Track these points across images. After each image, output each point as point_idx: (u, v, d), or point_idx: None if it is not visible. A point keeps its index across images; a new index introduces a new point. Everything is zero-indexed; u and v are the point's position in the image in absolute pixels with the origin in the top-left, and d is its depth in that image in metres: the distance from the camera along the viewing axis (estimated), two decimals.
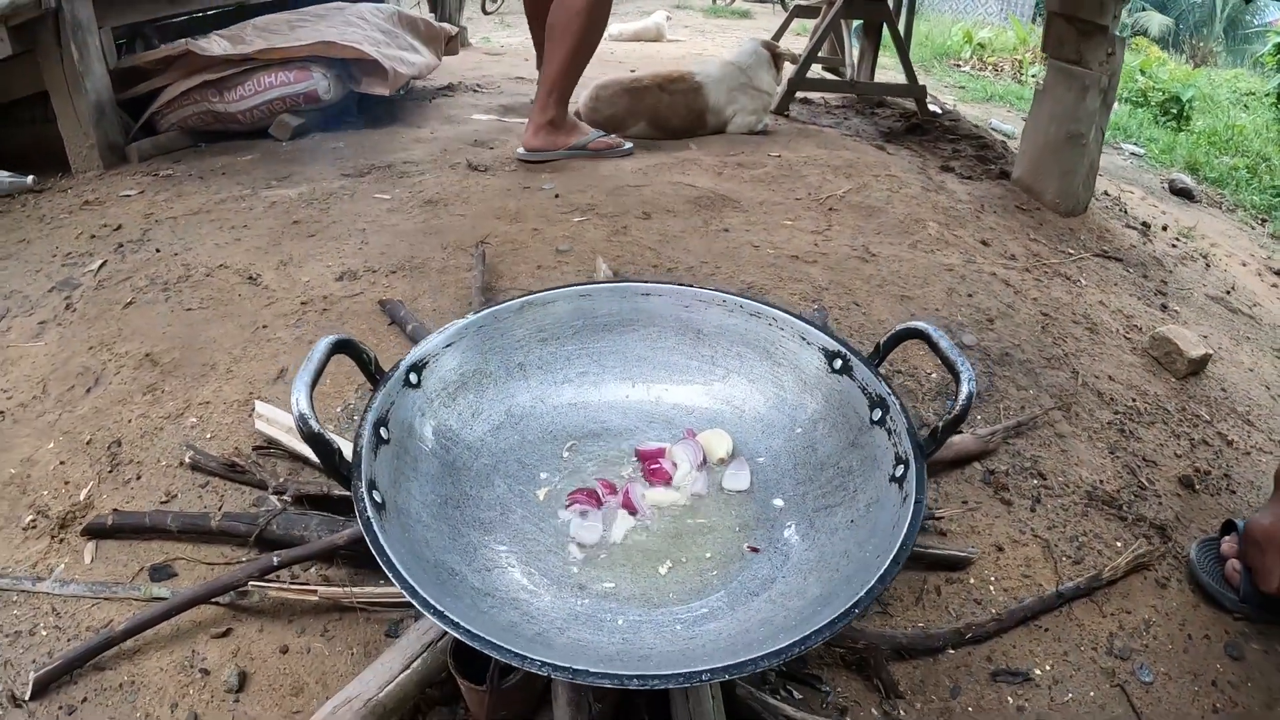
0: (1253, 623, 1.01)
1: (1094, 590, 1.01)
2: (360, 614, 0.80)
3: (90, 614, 0.92)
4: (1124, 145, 4.39)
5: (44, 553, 1.01)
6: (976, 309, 1.47)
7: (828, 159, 2.06)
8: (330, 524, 0.85)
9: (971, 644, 0.87)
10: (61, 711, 0.83)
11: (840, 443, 0.69)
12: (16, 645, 0.90)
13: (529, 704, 0.65)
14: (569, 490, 0.76)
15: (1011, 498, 1.09)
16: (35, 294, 1.59)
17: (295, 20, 2.74)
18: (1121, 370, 1.50)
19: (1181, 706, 0.92)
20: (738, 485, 0.77)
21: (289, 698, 0.77)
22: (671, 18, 6.35)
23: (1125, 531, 1.13)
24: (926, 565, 0.94)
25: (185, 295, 1.48)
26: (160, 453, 1.11)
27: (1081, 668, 0.92)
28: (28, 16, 2.12)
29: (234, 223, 1.79)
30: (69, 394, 1.28)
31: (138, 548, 0.98)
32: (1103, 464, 1.23)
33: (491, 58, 4.17)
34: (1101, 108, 2.22)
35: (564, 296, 0.78)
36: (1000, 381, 1.30)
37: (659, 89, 2.23)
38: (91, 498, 1.08)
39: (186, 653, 0.84)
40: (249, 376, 1.20)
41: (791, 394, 0.75)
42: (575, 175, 1.87)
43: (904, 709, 0.79)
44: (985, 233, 1.91)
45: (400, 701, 0.65)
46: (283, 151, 2.27)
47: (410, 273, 1.40)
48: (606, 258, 1.37)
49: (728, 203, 1.71)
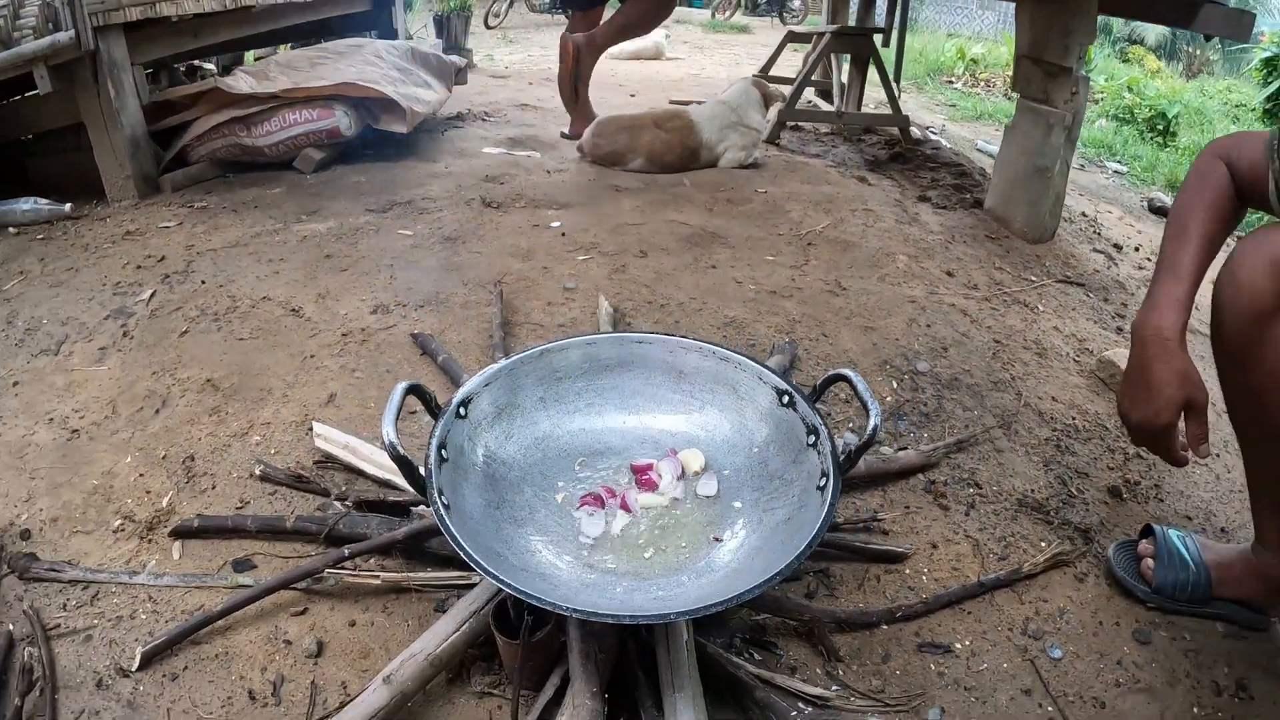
0: (1164, 613, 1.16)
1: (1014, 582, 1.20)
2: (414, 594, 1.02)
3: (183, 600, 1.12)
4: (1107, 163, 4.51)
5: (135, 551, 1.21)
6: (933, 338, 1.70)
7: (810, 194, 2.30)
8: (387, 524, 1.08)
9: (902, 621, 1.09)
10: (165, 679, 1.03)
11: (785, 460, 0.92)
12: (119, 628, 1.08)
13: (550, 656, 0.87)
14: (580, 495, 1.00)
15: (949, 504, 1.31)
16: (92, 321, 1.81)
17: (316, 57, 2.98)
18: (1065, 391, 1.71)
19: (1086, 679, 1.08)
20: (707, 492, 1.01)
21: (358, 659, 1.00)
22: (670, 34, 6.61)
23: (1050, 534, 1.33)
24: (869, 558, 1.16)
25: (236, 326, 1.70)
26: (230, 466, 1.33)
27: (997, 644, 1.12)
28: (68, 57, 2.34)
29: (270, 256, 2.01)
30: (139, 414, 1.49)
31: (219, 546, 1.19)
32: (1035, 475, 1.45)
33: (497, 81, 4.42)
34: (1066, 143, 2.45)
35: (575, 345, 1.02)
36: (948, 404, 1.52)
37: (655, 127, 2.46)
38: (172, 505, 1.28)
39: (271, 628, 1.06)
40: (303, 400, 1.43)
41: (750, 422, 0.99)
42: (580, 213, 2.11)
43: (843, 670, 1.01)
44: (952, 263, 2.14)
45: (451, 656, 0.88)
46: (308, 184, 2.50)
47: (436, 307, 1.63)
48: (608, 295, 1.61)
49: (716, 239, 1.95)
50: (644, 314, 1.62)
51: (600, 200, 2.22)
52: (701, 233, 1.98)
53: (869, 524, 1.21)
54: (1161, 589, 1.18)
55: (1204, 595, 1.18)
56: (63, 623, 1.09)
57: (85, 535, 1.24)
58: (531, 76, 4.80)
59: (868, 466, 1.27)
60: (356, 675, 0.98)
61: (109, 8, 2.40)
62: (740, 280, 1.76)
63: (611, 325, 1.52)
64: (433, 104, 2.80)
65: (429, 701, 0.93)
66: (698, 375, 1.05)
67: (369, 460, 1.21)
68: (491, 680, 0.94)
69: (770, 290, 1.73)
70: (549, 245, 1.88)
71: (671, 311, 1.62)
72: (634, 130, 2.45)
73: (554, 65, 5.41)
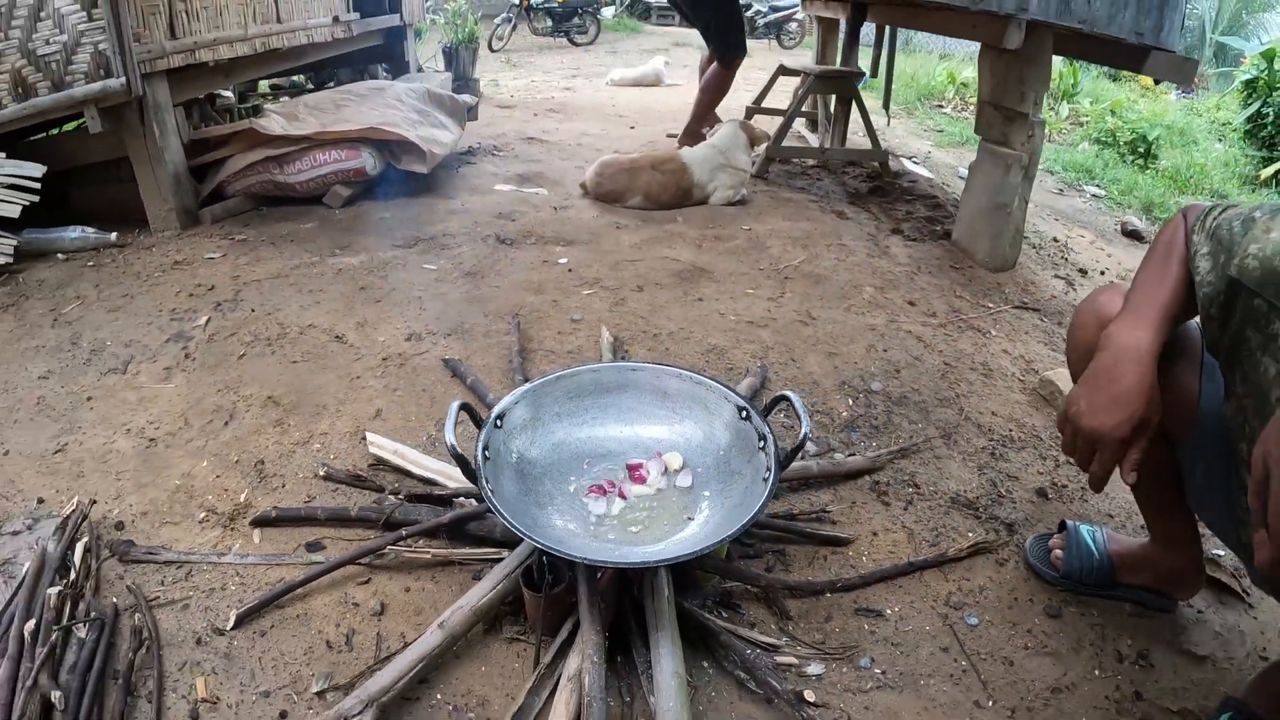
0: (1074, 593, 1.37)
1: (941, 563, 1.48)
2: (457, 566, 1.34)
3: (265, 575, 1.41)
4: (1086, 187, 4.67)
5: (220, 538, 1.50)
6: (888, 362, 2.02)
7: (789, 230, 2.63)
8: (434, 512, 1.40)
9: (843, 591, 1.39)
10: (255, 635, 1.31)
11: (742, 460, 1.25)
12: (212, 598, 1.35)
13: (564, 609, 1.19)
14: (588, 486, 1.32)
15: (890, 500, 1.62)
16: (153, 343, 2.11)
17: (340, 99, 3.33)
18: (1006, 407, 2.02)
19: (998, 643, 1.29)
20: (684, 484, 1.33)
21: (413, 616, 1.31)
22: (670, 61, 6.97)
23: (978, 526, 1.62)
24: (818, 542, 1.47)
25: (288, 350, 2.02)
26: (296, 468, 1.64)
27: (922, 611, 1.40)
28: (117, 101, 2.65)
29: (310, 287, 2.34)
30: (209, 426, 1.80)
31: (293, 532, 1.49)
32: (969, 478, 1.75)
33: (503, 112, 4.77)
34: (1024, 181, 2.77)
35: (584, 371, 1.36)
36: (896, 418, 1.84)
37: (652, 169, 2.81)
38: (249, 500, 1.59)
39: (341, 594, 1.36)
40: (354, 415, 1.75)
41: (717, 431, 1.32)
42: (584, 250, 2.45)
43: (793, 627, 1.32)
44: (915, 293, 2.46)
45: (489, 608, 1.19)
46: (338, 220, 2.83)
47: (462, 335, 1.96)
48: (609, 325, 1.94)
49: (704, 274, 2.28)
50: (640, 342, 1.95)
51: (602, 237, 2.55)
52: (691, 268, 2.31)
53: (820, 515, 1.52)
54: (1069, 575, 1.39)
55: (1108, 581, 1.38)
56: (161, 595, 1.35)
57: (174, 525, 1.52)
58: (536, 106, 5.16)
59: (820, 469, 1.59)
60: (413, 628, 1.29)
61: (155, 56, 2.73)
62: (723, 312, 2.09)
63: (612, 352, 1.85)
64: (449, 145, 3.14)
65: (469, 645, 1.24)
66: (678, 395, 1.38)
67: (415, 463, 1.53)
68: (518, 630, 1.25)
69: (749, 320, 2.06)
70: (557, 280, 2.21)
71: (663, 340, 1.95)
72: (633, 172, 2.79)
73: (556, 94, 5.73)
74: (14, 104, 2.65)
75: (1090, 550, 1.42)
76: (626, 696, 1.15)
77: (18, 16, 2.58)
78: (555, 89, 6.26)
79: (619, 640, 1.20)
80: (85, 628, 1.23)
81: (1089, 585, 1.40)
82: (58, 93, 2.63)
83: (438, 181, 3.16)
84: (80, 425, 1.77)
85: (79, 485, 1.59)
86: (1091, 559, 1.41)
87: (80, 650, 1.19)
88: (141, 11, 2.66)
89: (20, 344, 2.11)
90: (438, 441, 1.64)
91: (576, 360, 1.89)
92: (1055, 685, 1.24)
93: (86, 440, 1.72)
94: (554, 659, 1.16)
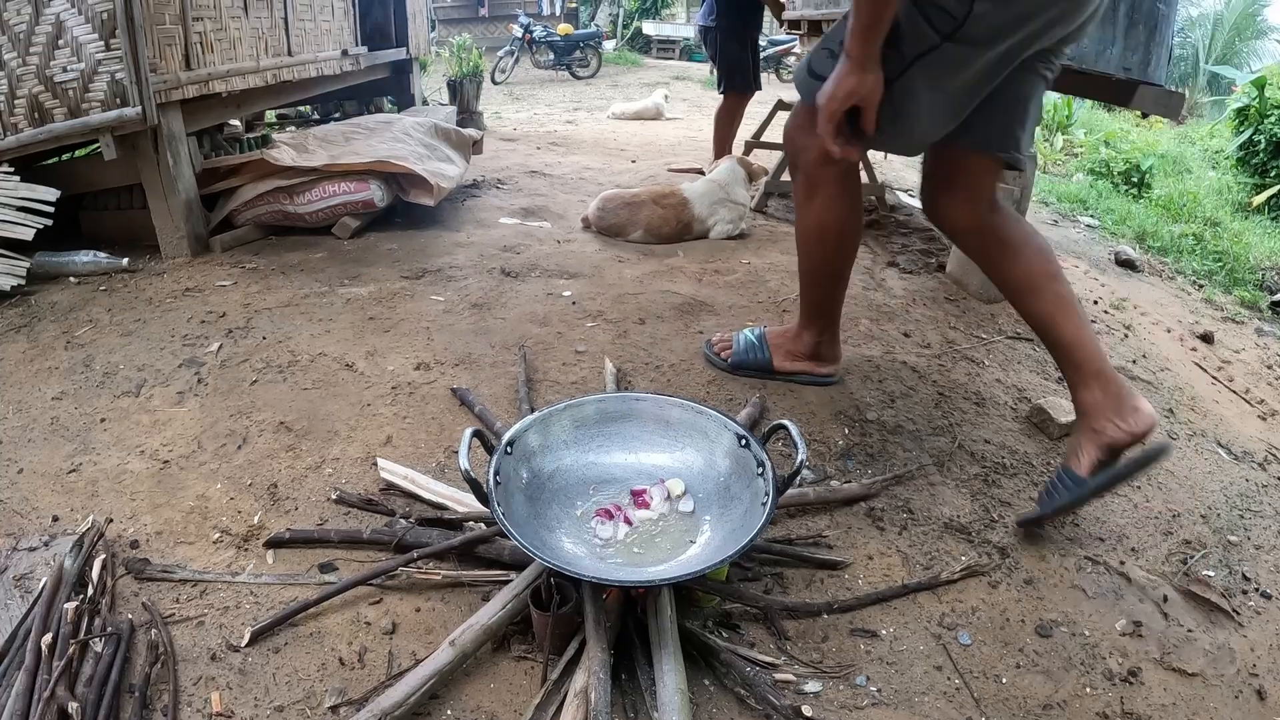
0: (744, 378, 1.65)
1: (935, 586, 1.54)
2: (467, 587, 1.40)
3: (279, 594, 1.46)
4: (1080, 218, 4.74)
5: (234, 558, 1.55)
6: (884, 392, 2.10)
7: (787, 264, 2.72)
8: (445, 535, 1.46)
9: (839, 612, 1.45)
10: (270, 652, 1.36)
11: (741, 486, 1.32)
12: (227, 615, 1.39)
13: (571, 627, 1.25)
14: (594, 510, 1.39)
15: (885, 525, 1.69)
16: (166, 369, 2.18)
17: (350, 132, 3.45)
18: (998, 435, 2.08)
19: (990, 661, 1.34)
20: (686, 509, 1.40)
21: (424, 634, 1.37)
22: (670, 94, 7.16)
23: (971, 550, 1.67)
24: (815, 565, 1.53)
25: (299, 377, 2.10)
26: (309, 492, 1.71)
27: (916, 631, 1.45)
28: (132, 129, 2.74)
29: (320, 316, 2.42)
30: (222, 449, 1.86)
31: (306, 553, 1.54)
32: (963, 504, 1.81)
33: (507, 145, 4.90)
34: None
35: (589, 401, 1.44)
36: (891, 446, 1.91)
37: (653, 203, 2.91)
38: (262, 522, 1.64)
39: (354, 614, 1.42)
40: (365, 441, 1.82)
41: (717, 458, 1.39)
42: (587, 283, 2.53)
43: (790, 647, 1.38)
44: (910, 325, 2.54)
45: (498, 626, 1.26)
46: (346, 250, 2.92)
47: (469, 366, 2.04)
48: (612, 357, 2.02)
49: (704, 307, 2.36)
50: (642, 373, 2.02)
51: (605, 270, 2.64)
52: (691, 301, 2.40)
53: (816, 539, 1.59)
54: (738, 365, 1.98)
55: (767, 365, 1.97)
56: (176, 612, 1.38)
57: (188, 545, 1.56)
58: (538, 140, 5.30)
59: (817, 495, 1.66)
60: (424, 646, 1.35)
61: (170, 86, 2.84)
62: None
63: (615, 383, 1.93)
64: (455, 178, 3.25)
65: (479, 663, 1.30)
66: (680, 424, 1.46)
67: (426, 488, 1.60)
68: (526, 648, 1.31)
69: None
70: (562, 312, 2.30)
71: (664, 371, 2.03)
72: (634, 206, 2.89)
73: (558, 127, 5.88)
74: (30, 129, 2.74)
75: (751, 341, 1.99)
76: (631, 712, 1.20)
77: (36, 43, 2.67)
78: (557, 122, 6.42)
79: (624, 658, 1.26)
80: (101, 642, 1.27)
81: (754, 370, 1.95)
82: (74, 119, 2.72)
83: (444, 214, 3.26)
84: (94, 446, 1.83)
85: (94, 504, 1.64)
86: (753, 349, 1.97)
87: (96, 664, 1.23)
88: (158, 42, 2.76)
89: (34, 365, 2.17)
90: (448, 468, 1.71)
91: (581, 391, 1.96)
92: (1046, 702, 1.29)
93: (101, 461, 1.78)
94: (561, 676, 1.22)
